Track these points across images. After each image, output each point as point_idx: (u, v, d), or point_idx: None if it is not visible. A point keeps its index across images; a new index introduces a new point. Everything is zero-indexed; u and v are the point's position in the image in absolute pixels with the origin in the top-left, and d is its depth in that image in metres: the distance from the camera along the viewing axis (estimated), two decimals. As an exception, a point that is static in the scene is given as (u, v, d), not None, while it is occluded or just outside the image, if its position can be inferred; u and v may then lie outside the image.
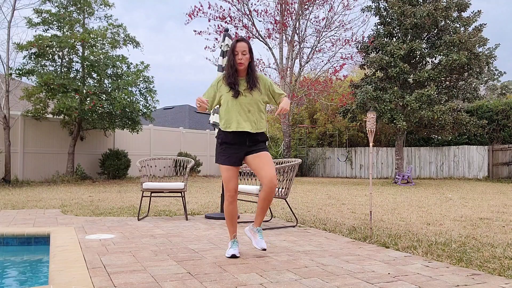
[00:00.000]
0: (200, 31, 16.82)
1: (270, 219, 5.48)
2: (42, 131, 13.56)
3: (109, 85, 13.41)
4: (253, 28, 17.07)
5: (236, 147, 3.36)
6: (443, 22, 15.13)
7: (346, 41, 16.75)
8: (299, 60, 17.92)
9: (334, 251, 3.59)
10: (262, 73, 3.56)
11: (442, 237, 4.25)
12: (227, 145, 3.37)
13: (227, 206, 3.40)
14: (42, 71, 12.57)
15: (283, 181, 4.86)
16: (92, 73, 13.39)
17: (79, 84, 12.64)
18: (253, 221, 3.55)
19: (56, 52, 13.01)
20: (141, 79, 13.83)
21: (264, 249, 3.35)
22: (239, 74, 3.40)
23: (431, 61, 15.94)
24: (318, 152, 20.98)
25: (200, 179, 16.02)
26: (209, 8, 16.52)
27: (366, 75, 16.84)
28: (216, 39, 16.99)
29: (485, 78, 27.77)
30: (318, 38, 17.36)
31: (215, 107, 4.02)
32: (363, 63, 16.50)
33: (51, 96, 12.13)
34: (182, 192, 5.50)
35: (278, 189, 4.86)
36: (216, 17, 16.62)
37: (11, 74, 12.58)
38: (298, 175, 19.44)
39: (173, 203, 7.37)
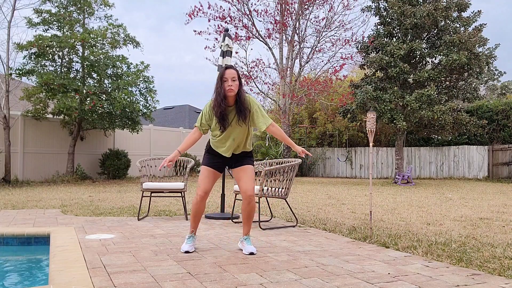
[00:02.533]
0: (200, 31, 16.81)
1: (270, 219, 5.48)
2: (42, 131, 13.56)
3: (109, 85, 13.40)
4: (253, 28, 17.06)
5: (220, 157, 3.56)
6: (443, 22, 15.12)
7: (346, 41, 16.74)
8: (299, 60, 17.91)
9: (334, 251, 3.59)
10: (252, 96, 3.61)
11: (442, 237, 4.25)
12: (213, 155, 3.59)
13: (194, 204, 3.49)
14: (42, 71, 12.56)
15: (283, 181, 4.87)
16: (92, 73, 13.39)
17: (79, 84, 12.63)
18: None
19: (56, 52, 13.01)
20: (141, 79, 13.83)
21: (252, 253, 3.42)
22: (228, 102, 3.37)
23: (431, 61, 15.94)
24: (318, 152, 20.97)
25: (200, 179, 16.01)
26: (209, 8, 16.51)
27: (366, 75, 16.84)
28: (216, 39, 16.99)
29: (485, 78, 27.76)
30: (318, 38, 17.36)
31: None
32: (363, 63, 16.50)
33: (51, 96, 12.13)
34: (182, 192, 5.50)
35: (278, 189, 4.87)
36: (216, 17, 16.61)
37: (11, 74, 12.58)
38: (298, 175, 19.44)
39: (173, 203, 7.37)
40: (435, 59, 15.56)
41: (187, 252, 3.45)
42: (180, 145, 3.48)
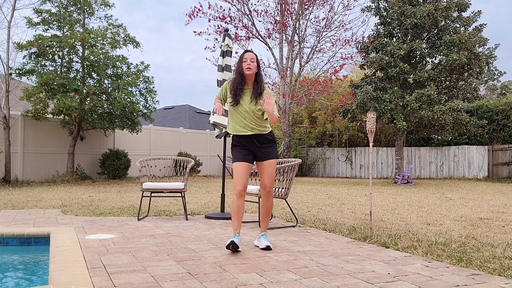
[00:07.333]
0: (200, 32, 16.84)
1: (270, 219, 5.48)
2: (42, 131, 13.55)
3: (109, 85, 13.40)
4: (253, 28, 17.07)
5: (246, 147, 3.68)
6: (443, 22, 15.13)
7: (346, 41, 16.75)
8: (299, 60, 17.92)
9: (334, 251, 3.59)
10: (268, 88, 3.74)
11: (442, 237, 4.25)
12: (239, 147, 3.70)
13: (234, 201, 3.56)
14: (42, 71, 12.56)
15: (283, 181, 4.86)
16: (92, 73, 13.38)
17: (79, 84, 12.63)
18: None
19: (56, 52, 13.00)
20: (141, 79, 13.82)
21: (268, 247, 3.56)
22: (246, 82, 3.62)
23: (431, 61, 15.95)
24: (318, 152, 20.98)
25: (200, 179, 16.02)
26: (209, 8, 16.53)
27: (366, 75, 16.84)
28: (216, 39, 17.00)
29: (485, 78, 27.78)
30: (318, 38, 17.37)
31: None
32: (363, 63, 16.50)
33: (51, 96, 12.12)
34: (182, 192, 5.50)
35: (278, 189, 4.87)
36: (216, 17, 16.62)
37: (11, 74, 12.57)
38: (298, 175, 19.44)
39: (173, 203, 7.37)
40: (435, 59, 15.57)
41: (232, 242, 3.40)
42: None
